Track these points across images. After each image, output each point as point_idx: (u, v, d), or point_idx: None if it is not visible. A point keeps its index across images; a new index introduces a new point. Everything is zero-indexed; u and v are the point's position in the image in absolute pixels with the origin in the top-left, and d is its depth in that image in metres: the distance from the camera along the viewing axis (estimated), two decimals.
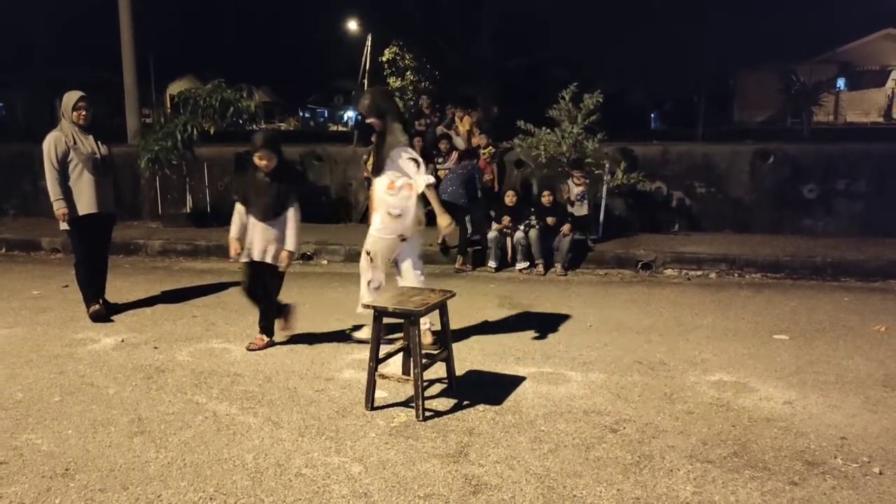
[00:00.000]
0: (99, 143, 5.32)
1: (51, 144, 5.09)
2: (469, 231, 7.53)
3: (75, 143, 5.15)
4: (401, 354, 3.92)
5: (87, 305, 5.40)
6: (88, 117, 5.23)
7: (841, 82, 29.18)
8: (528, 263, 7.18)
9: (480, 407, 3.63)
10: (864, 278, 6.79)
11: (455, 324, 4.41)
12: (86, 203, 5.24)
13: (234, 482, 2.86)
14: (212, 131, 9.25)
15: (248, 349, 4.58)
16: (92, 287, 5.43)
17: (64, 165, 5.12)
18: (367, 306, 3.65)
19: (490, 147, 8.64)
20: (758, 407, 3.64)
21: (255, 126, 9.91)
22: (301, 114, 51.08)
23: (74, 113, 5.17)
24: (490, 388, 3.90)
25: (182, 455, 3.09)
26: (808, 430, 3.36)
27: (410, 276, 4.58)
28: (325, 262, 7.76)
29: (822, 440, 3.25)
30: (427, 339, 4.47)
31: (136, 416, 3.52)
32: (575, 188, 7.63)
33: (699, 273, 7.12)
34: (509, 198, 7.36)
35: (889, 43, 30.62)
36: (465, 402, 3.68)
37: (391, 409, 3.63)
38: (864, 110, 27.83)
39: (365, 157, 9.13)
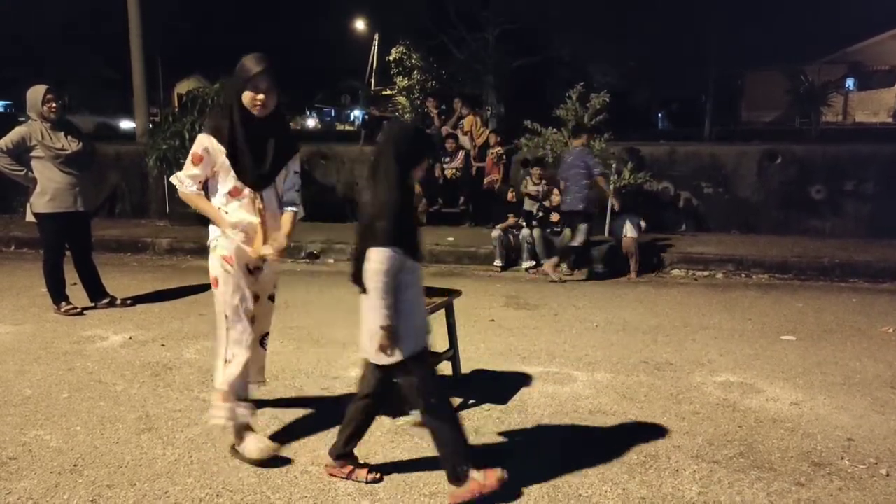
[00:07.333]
0: (70, 138, 5.16)
1: (14, 132, 5.01)
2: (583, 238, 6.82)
3: (43, 138, 5.03)
4: None
5: (57, 305, 5.37)
6: (59, 110, 5.09)
7: (850, 82, 28.98)
8: (534, 262, 7.17)
9: (486, 406, 3.64)
10: (872, 279, 6.77)
11: (461, 323, 4.42)
12: (52, 201, 5.12)
13: (240, 479, 2.87)
14: None
15: None
16: (60, 286, 5.39)
17: (17, 152, 5.01)
18: None
19: (498, 147, 8.64)
20: (764, 408, 3.64)
21: None
22: (307, 112, 51.07)
23: (45, 107, 5.02)
24: (496, 388, 3.90)
25: (189, 452, 3.11)
26: (814, 431, 3.35)
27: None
28: (331, 260, 7.77)
29: (829, 441, 3.24)
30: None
31: (144, 413, 3.54)
32: (532, 186, 7.31)
33: (706, 273, 7.11)
34: (510, 195, 7.34)
35: None
36: (471, 402, 3.69)
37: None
38: (873, 110, 27.62)
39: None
